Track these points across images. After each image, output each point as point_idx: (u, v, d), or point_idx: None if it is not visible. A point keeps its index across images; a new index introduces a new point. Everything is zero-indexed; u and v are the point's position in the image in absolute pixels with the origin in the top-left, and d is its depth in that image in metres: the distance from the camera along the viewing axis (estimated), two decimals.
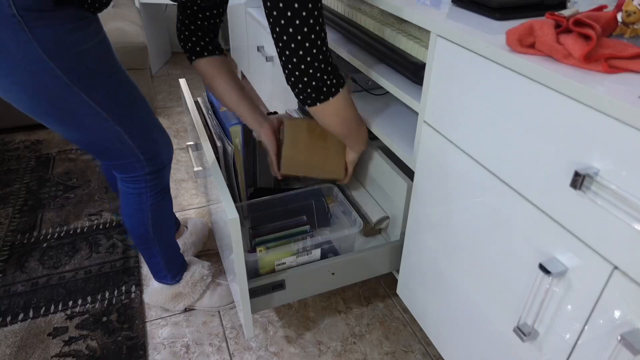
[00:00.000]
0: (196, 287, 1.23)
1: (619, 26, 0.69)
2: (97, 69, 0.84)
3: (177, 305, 1.23)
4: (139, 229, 1.07)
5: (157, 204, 1.05)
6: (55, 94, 0.80)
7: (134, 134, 0.93)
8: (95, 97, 0.84)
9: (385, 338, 1.20)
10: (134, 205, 1.03)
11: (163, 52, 2.99)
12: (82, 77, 0.82)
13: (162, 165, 1.02)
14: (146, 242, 1.10)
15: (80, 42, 0.80)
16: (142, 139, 0.95)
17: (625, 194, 0.53)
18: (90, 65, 0.82)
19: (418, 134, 0.92)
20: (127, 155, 0.95)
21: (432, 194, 0.91)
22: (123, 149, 0.93)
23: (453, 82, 0.78)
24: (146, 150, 0.97)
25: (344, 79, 0.94)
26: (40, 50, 0.75)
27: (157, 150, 0.99)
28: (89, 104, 0.84)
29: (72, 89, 0.81)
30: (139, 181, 1.00)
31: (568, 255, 0.62)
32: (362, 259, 1.08)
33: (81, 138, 0.90)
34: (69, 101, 0.82)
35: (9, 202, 1.66)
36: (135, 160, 0.96)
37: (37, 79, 0.78)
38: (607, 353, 0.59)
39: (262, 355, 1.15)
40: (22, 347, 1.14)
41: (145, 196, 1.02)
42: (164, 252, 1.14)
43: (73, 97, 0.82)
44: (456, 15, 0.82)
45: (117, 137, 0.91)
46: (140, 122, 0.94)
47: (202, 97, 1.39)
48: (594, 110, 0.55)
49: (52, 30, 0.76)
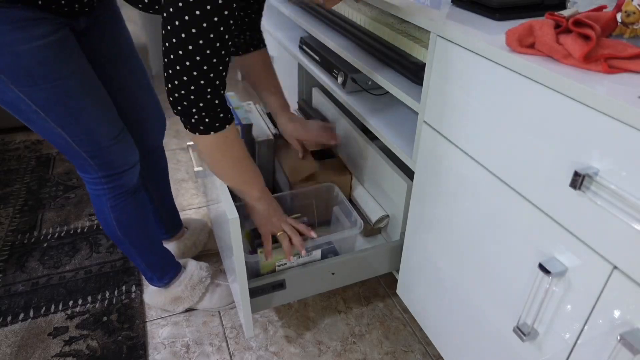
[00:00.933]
0: (195, 290, 1.22)
1: (619, 26, 0.69)
2: (36, 72, 0.81)
3: (177, 307, 1.23)
4: (106, 229, 1.06)
5: (120, 206, 1.01)
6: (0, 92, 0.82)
7: (77, 140, 0.90)
8: (33, 98, 0.83)
9: (385, 338, 1.20)
10: (95, 205, 1.02)
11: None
12: (19, 77, 0.80)
13: (118, 170, 0.98)
14: (119, 243, 1.08)
15: (19, 42, 0.78)
16: (89, 145, 0.91)
17: (625, 194, 0.53)
18: (27, 66, 0.80)
19: (418, 134, 0.92)
20: (76, 156, 0.93)
21: (432, 194, 0.91)
22: (70, 150, 0.91)
23: (453, 82, 0.78)
24: (95, 156, 0.93)
25: (232, 115, 0.86)
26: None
27: (109, 158, 0.95)
28: (27, 102, 0.83)
29: (8, 85, 0.81)
30: (95, 183, 0.98)
31: (568, 255, 0.62)
32: (362, 259, 1.08)
33: (34, 129, 0.89)
34: (7, 95, 0.82)
35: (9, 202, 1.66)
36: (84, 162, 0.94)
37: None
38: (606, 353, 0.59)
39: (262, 355, 1.15)
40: (22, 347, 1.15)
41: (103, 198, 1.00)
42: (142, 255, 1.12)
43: (10, 93, 0.82)
44: (456, 15, 0.83)
45: (60, 139, 0.89)
46: (86, 130, 0.90)
47: None
48: (593, 110, 0.55)
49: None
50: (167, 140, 2.10)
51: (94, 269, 1.38)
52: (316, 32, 1.30)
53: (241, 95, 2.53)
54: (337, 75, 1.24)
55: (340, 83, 1.23)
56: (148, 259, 1.14)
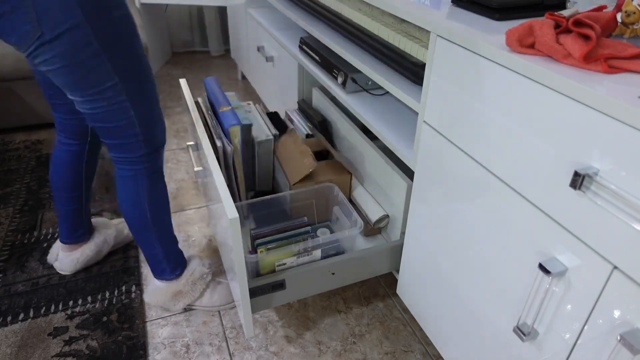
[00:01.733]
0: (196, 286, 1.23)
1: (619, 26, 0.69)
2: (124, 38, 0.87)
3: (177, 304, 1.23)
4: (136, 214, 1.08)
5: (152, 186, 1.06)
6: (87, 63, 0.85)
7: (139, 111, 0.95)
8: (117, 67, 0.88)
9: (385, 338, 1.20)
10: (130, 187, 1.05)
11: (163, 52, 3.00)
12: (112, 46, 0.85)
13: (157, 147, 1.03)
14: (144, 229, 1.10)
15: (114, 8, 0.84)
16: (146, 118, 0.97)
17: (625, 194, 0.53)
18: (118, 33, 0.86)
19: (418, 134, 0.92)
20: (129, 134, 0.97)
21: (432, 194, 0.91)
22: (127, 127, 0.96)
23: (453, 82, 0.78)
24: (146, 130, 0.99)
25: None
26: (82, 14, 0.80)
27: (155, 131, 1.01)
28: (112, 74, 0.88)
29: (101, 58, 0.85)
30: (134, 162, 1.02)
31: (568, 255, 0.62)
32: (362, 259, 1.08)
33: (95, 112, 0.92)
34: (97, 71, 0.86)
35: (10, 202, 1.66)
36: (135, 140, 0.98)
37: (76, 48, 0.83)
38: (606, 353, 0.59)
39: (262, 355, 1.15)
40: (22, 347, 1.15)
41: (140, 178, 1.04)
42: (163, 241, 1.14)
43: (101, 67, 0.86)
44: (456, 15, 0.83)
45: (125, 113, 0.93)
46: (147, 100, 0.96)
47: (202, 97, 1.39)
48: (593, 110, 0.55)
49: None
50: (167, 140, 2.10)
51: (94, 269, 1.38)
52: (316, 32, 1.30)
53: (241, 95, 2.54)
54: (337, 75, 1.24)
55: (340, 83, 1.23)
56: (169, 248, 1.16)
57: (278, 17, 1.82)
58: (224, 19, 3.09)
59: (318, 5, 1.32)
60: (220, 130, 1.23)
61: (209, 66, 2.96)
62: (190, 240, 1.51)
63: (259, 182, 1.36)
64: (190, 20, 3.11)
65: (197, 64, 3.00)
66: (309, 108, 1.54)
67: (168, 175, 1.85)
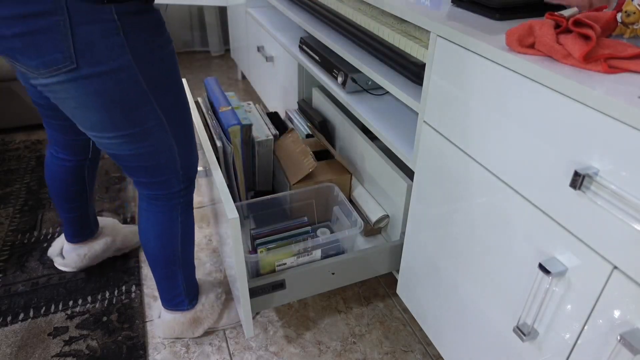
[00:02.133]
0: (214, 308, 1.18)
1: (619, 26, 0.69)
2: (170, 76, 0.83)
3: (197, 330, 1.16)
4: (168, 249, 1.02)
5: (186, 220, 1.02)
6: (131, 102, 0.79)
7: (181, 146, 0.91)
8: (163, 106, 0.83)
9: (385, 338, 1.20)
10: (165, 223, 0.99)
11: None
12: (159, 85, 0.81)
13: (193, 180, 0.99)
14: (172, 263, 1.04)
15: (162, 46, 0.79)
16: (186, 153, 0.93)
17: (625, 194, 0.53)
18: (166, 72, 0.81)
19: (418, 134, 0.92)
20: (170, 170, 0.92)
21: (432, 194, 0.91)
22: (169, 164, 0.91)
23: (453, 82, 0.78)
24: (185, 166, 0.94)
25: None
26: (130, 54, 0.74)
27: (193, 165, 0.97)
28: (157, 113, 0.83)
29: (147, 96, 0.80)
30: (173, 198, 0.97)
31: (568, 255, 0.62)
32: (362, 259, 1.08)
33: (136, 152, 0.86)
34: (140, 110, 0.81)
35: (10, 202, 1.66)
36: (175, 176, 0.94)
37: (120, 87, 0.76)
38: (606, 353, 0.59)
39: (262, 355, 1.15)
40: (22, 347, 1.15)
41: (176, 213, 0.99)
42: (186, 274, 1.09)
43: (145, 106, 0.81)
44: (456, 15, 0.83)
45: (168, 150, 0.89)
46: (188, 135, 0.92)
47: (202, 97, 1.40)
48: (593, 110, 0.55)
49: (143, 34, 0.75)
50: None
51: (94, 268, 1.38)
52: (316, 32, 1.30)
53: (241, 95, 2.54)
54: (337, 75, 1.24)
55: (340, 83, 1.23)
56: (190, 280, 1.10)
57: (278, 17, 1.82)
58: (224, 19, 3.09)
59: (318, 5, 1.32)
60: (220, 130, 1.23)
61: (209, 66, 2.96)
62: None
63: (259, 182, 1.36)
64: (190, 20, 3.11)
65: (197, 64, 3.00)
66: (309, 108, 1.54)
67: None
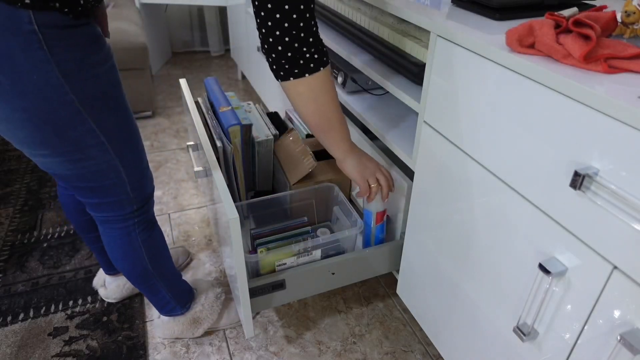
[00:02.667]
0: (214, 308, 1.17)
1: (619, 26, 0.69)
2: (109, 94, 0.78)
3: (197, 330, 1.16)
4: (137, 269, 1.00)
5: (148, 238, 0.98)
6: (64, 121, 0.73)
7: (128, 167, 0.86)
8: (103, 125, 0.78)
9: (385, 338, 1.20)
10: (125, 246, 0.96)
11: (163, 52, 3.00)
12: (95, 103, 0.76)
13: (147, 199, 0.95)
14: (147, 279, 1.03)
15: (97, 64, 0.74)
16: (135, 172, 0.88)
17: (625, 194, 0.53)
18: (104, 90, 0.76)
19: (418, 134, 0.92)
20: (117, 192, 0.87)
21: (432, 194, 0.91)
22: (116, 185, 0.86)
23: (453, 82, 0.78)
24: (135, 186, 0.90)
25: (327, 58, 0.85)
26: (57, 71, 0.69)
27: (144, 184, 0.92)
28: (96, 133, 0.78)
29: (82, 115, 0.75)
30: (126, 219, 0.93)
31: (568, 255, 0.62)
32: (362, 259, 1.08)
33: (77, 172, 0.81)
34: (76, 130, 0.75)
35: (10, 202, 1.66)
36: (125, 197, 0.89)
37: (48, 104, 0.71)
38: (606, 353, 0.59)
39: (262, 355, 1.15)
40: (22, 347, 1.15)
41: (134, 234, 0.95)
42: (168, 285, 1.07)
43: (81, 126, 0.75)
44: (456, 15, 0.83)
45: (113, 171, 0.84)
46: (136, 155, 0.88)
47: (202, 97, 1.39)
48: (593, 110, 0.55)
49: (72, 50, 0.69)
50: (167, 140, 2.10)
51: (94, 268, 1.38)
52: None
53: (241, 95, 2.54)
54: (337, 75, 1.24)
55: (340, 83, 1.23)
56: (174, 288, 1.10)
57: None
58: (224, 19, 3.09)
59: (318, 6, 1.32)
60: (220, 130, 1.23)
61: (209, 66, 2.96)
62: (190, 240, 1.51)
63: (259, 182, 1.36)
64: (190, 20, 3.11)
65: (197, 64, 3.00)
66: None
67: (168, 175, 1.86)
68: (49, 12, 0.65)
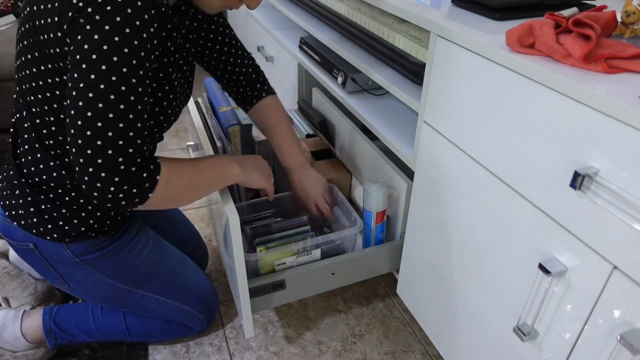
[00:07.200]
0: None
1: (619, 26, 0.69)
2: (152, 271, 0.98)
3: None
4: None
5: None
6: (122, 298, 0.98)
7: (190, 302, 1.07)
8: (155, 291, 1.00)
9: (385, 338, 1.20)
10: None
11: None
12: (141, 282, 0.97)
13: (215, 311, 1.16)
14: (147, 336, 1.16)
15: (134, 258, 0.94)
16: (196, 300, 1.08)
17: (625, 194, 0.53)
18: (146, 271, 0.96)
19: (418, 134, 0.92)
20: (189, 316, 1.10)
21: (432, 194, 0.91)
22: (186, 314, 1.09)
23: (453, 82, 0.78)
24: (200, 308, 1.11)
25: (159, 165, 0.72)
26: (103, 276, 0.92)
27: (207, 301, 1.12)
28: (151, 297, 1.00)
29: (135, 291, 0.97)
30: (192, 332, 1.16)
31: (568, 255, 0.63)
32: (362, 259, 1.08)
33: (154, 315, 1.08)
34: (134, 299, 0.99)
35: None
36: (196, 320, 1.12)
37: (105, 292, 0.96)
38: (606, 353, 0.59)
39: (262, 355, 1.15)
40: None
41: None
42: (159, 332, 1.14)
43: (137, 297, 0.98)
44: (456, 15, 0.83)
45: (179, 310, 1.06)
46: (194, 289, 1.07)
47: (202, 97, 1.40)
48: (593, 110, 0.55)
49: (109, 261, 0.91)
50: (167, 140, 2.10)
51: None
52: (316, 32, 1.30)
53: None
54: (337, 75, 1.24)
55: (340, 83, 1.23)
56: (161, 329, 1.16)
57: (278, 17, 1.82)
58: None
59: (318, 5, 1.32)
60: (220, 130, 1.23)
61: None
62: None
63: None
64: None
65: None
66: (309, 108, 1.54)
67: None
68: (79, 243, 0.86)
